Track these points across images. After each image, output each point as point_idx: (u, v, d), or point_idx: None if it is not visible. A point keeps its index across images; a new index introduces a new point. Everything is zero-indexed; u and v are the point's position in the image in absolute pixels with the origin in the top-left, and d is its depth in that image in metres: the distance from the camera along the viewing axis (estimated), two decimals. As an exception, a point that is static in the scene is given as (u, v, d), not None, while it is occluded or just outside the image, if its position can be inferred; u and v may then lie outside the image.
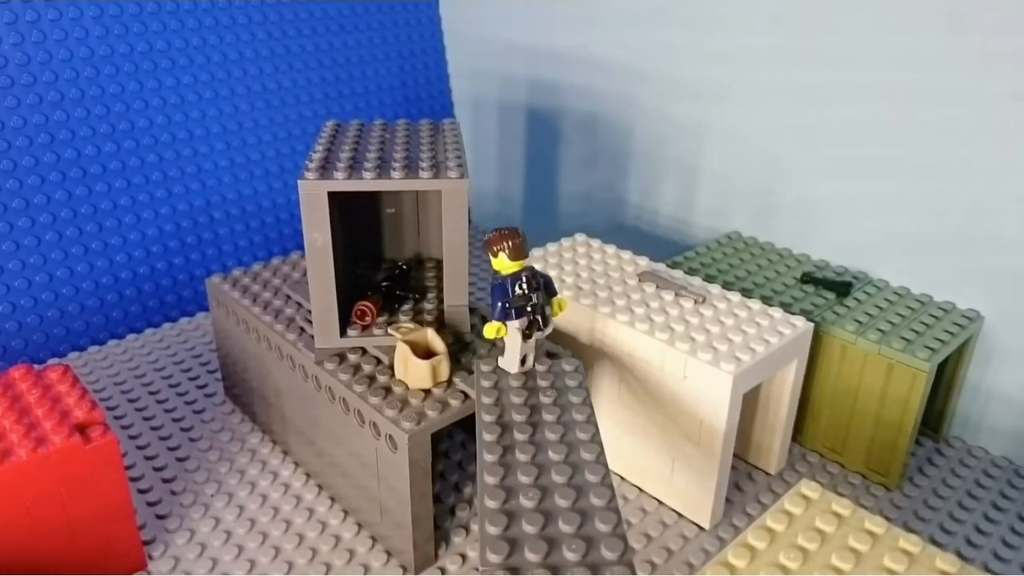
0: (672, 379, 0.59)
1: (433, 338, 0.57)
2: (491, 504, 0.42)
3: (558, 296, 0.54)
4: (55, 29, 0.80)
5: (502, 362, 0.53)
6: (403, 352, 0.55)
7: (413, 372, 0.54)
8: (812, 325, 0.62)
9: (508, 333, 0.52)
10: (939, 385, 0.68)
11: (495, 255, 0.51)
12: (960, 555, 0.58)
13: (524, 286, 0.51)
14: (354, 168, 0.56)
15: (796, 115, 0.76)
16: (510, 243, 0.51)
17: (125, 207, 0.85)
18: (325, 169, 0.55)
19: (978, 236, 0.67)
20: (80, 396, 0.54)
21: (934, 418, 0.70)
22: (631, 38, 0.88)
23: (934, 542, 0.59)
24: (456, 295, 0.59)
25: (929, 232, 0.70)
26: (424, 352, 0.56)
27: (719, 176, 0.85)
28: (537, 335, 0.52)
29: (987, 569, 0.57)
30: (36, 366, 0.78)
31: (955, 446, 0.70)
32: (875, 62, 0.70)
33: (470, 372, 0.56)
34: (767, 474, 0.66)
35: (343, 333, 0.59)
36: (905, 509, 0.63)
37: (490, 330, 0.51)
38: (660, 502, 0.63)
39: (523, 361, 0.53)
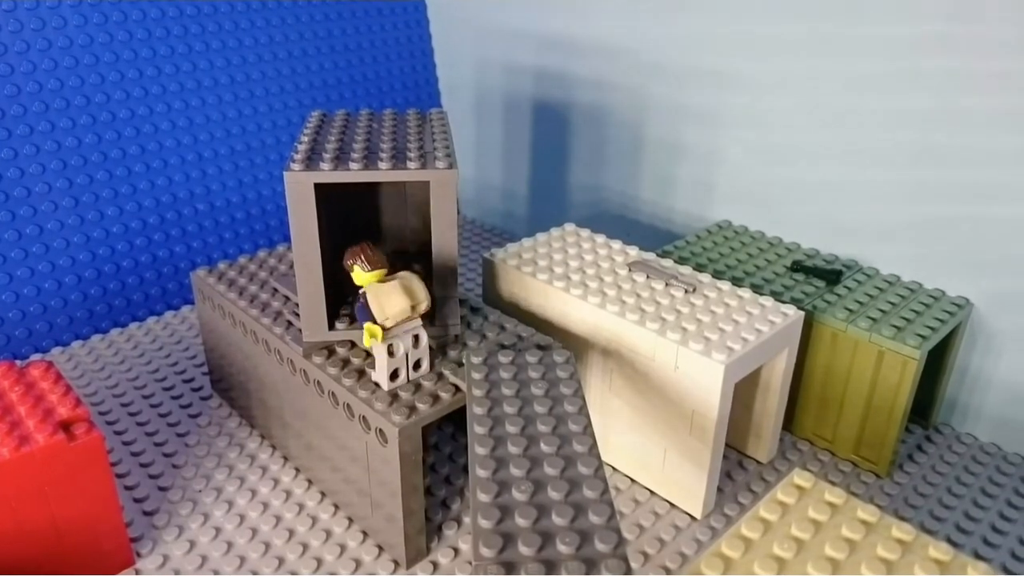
0: (663, 369, 0.58)
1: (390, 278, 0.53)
2: (484, 498, 0.42)
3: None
4: (32, 18, 0.78)
5: (373, 375, 0.54)
6: (375, 290, 0.51)
7: (387, 302, 0.51)
8: (803, 313, 0.62)
9: (376, 349, 0.52)
10: (928, 372, 0.68)
11: (351, 270, 0.53)
12: (950, 541, 0.58)
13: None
14: (340, 159, 0.55)
15: (788, 104, 0.76)
16: (361, 257, 0.52)
17: (107, 199, 0.84)
18: (311, 160, 0.54)
19: (968, 223, 0.67)
20: (64, 393, 0.53)
21: (923, 405, 0.70)
22: (615, 23, 0.87)
23: (924, 529, 0.59)
24: (445, 286, 0.59)
25: (919, 220, 0.70)
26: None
27: (709, 165, 0.84)
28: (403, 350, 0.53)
29: (977, 556, 0.57)
30: (18, 362, 0.77)
31: (944, 433, 0.70)
32: (868, 49, 0.69)
33: (460, 365, 0.56)
34: (758, 463, 0.66)
35: (331, 326, 0.58)
36: (895, 496, 0.63)
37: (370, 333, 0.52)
38: (652, 492, 0.63)
39: (395, 375, 0.53)
